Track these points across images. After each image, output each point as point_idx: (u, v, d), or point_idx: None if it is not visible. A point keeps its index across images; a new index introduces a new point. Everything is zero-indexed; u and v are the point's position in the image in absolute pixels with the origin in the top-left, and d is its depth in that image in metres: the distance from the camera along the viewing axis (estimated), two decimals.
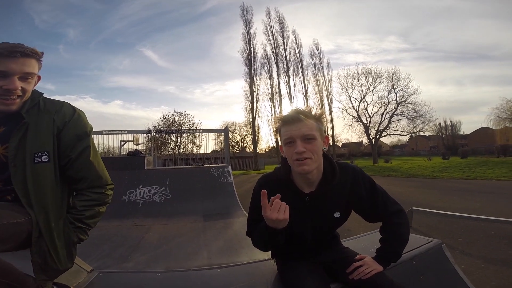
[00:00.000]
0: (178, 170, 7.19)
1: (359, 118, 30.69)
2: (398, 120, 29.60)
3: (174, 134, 16.17)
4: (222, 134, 10.38)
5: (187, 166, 8.51)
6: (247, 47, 31.60)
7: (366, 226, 1.17)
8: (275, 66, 31.90)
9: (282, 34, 32.10)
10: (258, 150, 32.71)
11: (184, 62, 66.20)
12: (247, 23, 31.87)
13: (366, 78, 30.36)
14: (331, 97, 32.46)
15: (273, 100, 31.65)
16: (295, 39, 32.49)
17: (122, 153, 9.05)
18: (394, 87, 29.11)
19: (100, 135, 8.69)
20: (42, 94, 1.01)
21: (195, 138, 17.11)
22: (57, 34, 51.26)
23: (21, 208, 0.89)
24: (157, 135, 12.16)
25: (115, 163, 6.43)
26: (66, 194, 1.02)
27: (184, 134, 16.29)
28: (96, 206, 1.02)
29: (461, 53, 67.78)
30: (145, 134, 9.97)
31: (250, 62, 31.39)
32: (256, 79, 31.40)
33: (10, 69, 0.87)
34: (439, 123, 47.36)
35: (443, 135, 52.14)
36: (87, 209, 1.00)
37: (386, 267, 1.09)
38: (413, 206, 4.37)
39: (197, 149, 17.75)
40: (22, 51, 0.88)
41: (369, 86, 30.19)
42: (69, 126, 0.98)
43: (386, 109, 29.60)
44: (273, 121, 1.11)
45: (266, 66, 31.79)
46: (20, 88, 0.89)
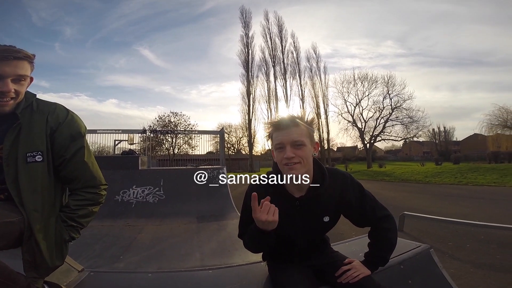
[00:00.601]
0: (173, 170, 7.16)
1: (354, 123, 30.97)
2: (393, 125, 30.00)
3: (169, 135, 16.09)
4: (218, 135, 10.37)
5: (182, 167, 8.48)
6: (245, 50, 31.77)
7: (358, 230, 1.19)
8: (272, 68, 32.12)
9: (281, 37, 32.32)
10: (254, 153, 32.70)
11: (181, 63, 65.87)
12: (246, 26, 32.07)
13: (362, 82, 30.70)
14: (327, 101, 32.71)
15: (269, 102, 31.83)
16: (293, 42, 32.73)
17: (116, 152, 8.99)
18: (389, 92, 29.51)
19: (94, 134, 8.61)
20: (35, 95, 1.02)
21: (191, 139, 17.04)
22: (54, 31, 50.55)
23: (14, 207, 0.90)
24: (152, 135, 12.08)
25: (109, 163, 6.38)
26: (60, 193, 1.03)
27: (179, 135, 16.22)
28: (89, 206, 1.04)
29: (456, 58, 67.67)
30: (140, 134, 9.90)
31: (247, 64, 31.53)
32: (253, 82, 31.59)
33: (3, 71, 0.88)
34: (433, 129, 47.91)
35: (437, 141, 52.82)
36: (80, 208, 1.02)
37: (374, 271, 1.11)
38: (405, 210, 4.43)
39: (192, 150, 17.69)
40: (15, 54, 0.90)
41: (364, 91, 30.53)
42: (63, 127, 0.99)
43: (381, 114, 29.97)
44: (265, 126, 1.13)
45: (263, 69, 32.00)
46: (13, 90, 0.90)
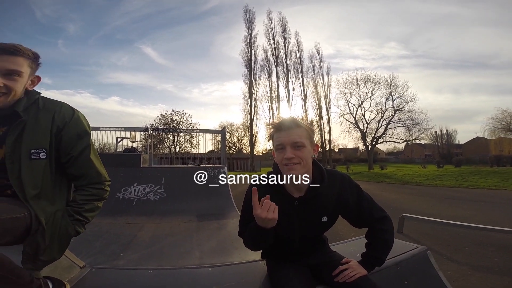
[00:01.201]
0: (174, 169, 7.19)
1: (356, 124, 30.97)
2: (395, 127, 30.00)
3: (171, 133, 16.13)
4: (220, 134, 10.39)
5: (183, 166, 8.51)
6: (248, 49, 31.75)
7: (357, 231, 1.21)
8: (275, 68, 32.10)
9: (284, 37, 32.28)
10: (255, 152, 32.72)
11: (183, 61, 65.79)
12: (249, 26, 32.05)
13: (364, 84, 30.72)
14: (330, 102, 32.67)
15: (271, 102, 31.82)
16: (297, 43, 32.70)
17: (118, 150, 9.03)
18: (392, 94, 29.53)
19: (97, 131, 8.66)
20: (40, 93, 1.04)
21: (192, 137, 17.07)
22: (57, 28, 50.77)
23: (20, 202, 0.92)
24: (154, 133, 12.12)
25: (111, 160, 6.41)
26: (65, 189, 1.06)
27: (181, 133, 16.25)
28: (95, 201, 1.07)
29: (460, 61, 67.43)
30: (142, 132, 9.94)
31: (250, 64, 31.53)
32: (255, 81, 31.57)
33: None
34: (435, 132, 47.72)
35: (439, 144, 52.61)
36: (87, 203, 1.04)
37: (370, 271, 1.13)
38: (405, 212, 4.44)
39: (193, 148, 17.72)
40: (5, 48, 0.89)
41: (367, 92, 30.56)
42: (69, 125, 1.01)
43: (383, 116, 30.00)
44: (266, 127, 1.15)
45: (266, 69, 31.97)
46: (2, 85, 0.90)
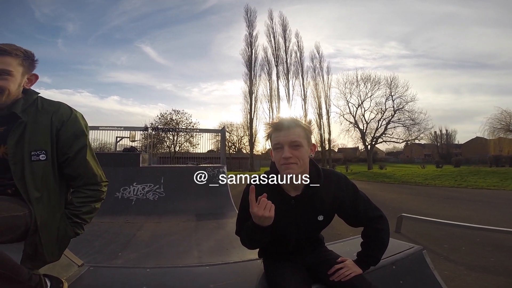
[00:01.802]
0: (173, 168, 7.21)
1: (356, 124, 30.94)
2: (394, 127, 29.96)
3: (170, 132, 16.13)
4: (219, 134, 10.40)
5: (183, 165, 8.52)
6: (248, 49, 31.72)
7: (356, 231, 1.22)
8: (275, 68, 32.08)
9: (284, 37, 32.24)
10: (255, 152, 32.70)
11: (182, 60, 65.64)
12: (250, 25, 32.00)
13: (364, 84, 30.65)
14: (329, 101, 32.63)
15: (271, 102, 31.82)
16: (297, 42, 32.63)
17: (118, 149, 9.04)
18: (392, 94, 29.46)
19: (96, 131, 8.67)
20: (39, 93, 1.04)
21: (192, 137, 17.08)
22: (56, 27, 50.75)
23: (21, 201, 0.93)
24: (153, 133, 12.13)
25: (110, 159, 6.42)
26: (64, 190, 1.06)
27: (180, 133, 16.26)
28: (92, 202, 1.07)
29: (460, 60, 67.30)
30: (141, 131, 9.95)
31: (250, 63, 31.51)
32: (255, 81, 31.55)
33: None
34: (435, 132, 47.75)
35: (438, 144, 52.66)
36: (84, 205, 1.05)
37: (366, 270, 1.15)
38: (403, 212, 4.46)
39: (193, 148, 17.73)
40: None
41: (367, 92, 30.49)
42: (67, 125, 1.02)
43: (383, 115, 29.95)
44: (264, 127, 1.16)
45: (266, 68, 31.95)
46: None
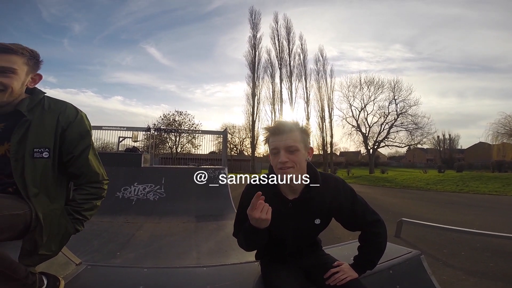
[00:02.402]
0: (175, 169, 7.23)
1: (359, 128, 30.81)
2: (397, 131, 29.75)
3: (173, 133, 16.19)
4: (221, 136, 10.43)
5: (184, 166, 8.54)
6: (252, 51, 31.67)
7: (355, 235, 1.22)
8: (279, 70, 32.08)
9: (288, 39, 32.15)
10: (256, 154, 32.64)
11: (186, 62, 65.99)
12: (254, 27, 31.93)
13: (368, 87, 30.51)
14: (332, 105, 32.51)
15: (274, 104, 31.77)
16: (301, 45, 32.52)
17: (120, 149, 9.08)
18: (395, 98, 29.28)
19: (99, 130, 8.72)
20: (45, 93, 1.06)
21: (194, 138, 17.13)
22: (63, 27, 51.35)
23: (21, 199, 0.94)
24: (156, 133, 12.18)
25: (112, 159, 6.46)
26: (65, 188, 1.08)
27: (183, 134, 16.31)
28: (93, 200, 1.09)
29: (465, 64, 66.30)
30: (144, 132, 10.00)
31: (254, 65, 31.42)
32: (258, 83, 31.51)
33: None
34: (438, 136, 47.47)
35: (441, 149, 52.32)
36: (86, 202, 1.07)
37: (362, 275, 1.15)
38: (404, 217, 4.44)
39: (195, 149, 17.77)
40: None
41: (370, 95, 30.36)
42: (73, 125, 1.04)
43: (385, 119, 29.78)
44: (263, 131, 1.17)
45: (269, 71, 31.91)
46: None
